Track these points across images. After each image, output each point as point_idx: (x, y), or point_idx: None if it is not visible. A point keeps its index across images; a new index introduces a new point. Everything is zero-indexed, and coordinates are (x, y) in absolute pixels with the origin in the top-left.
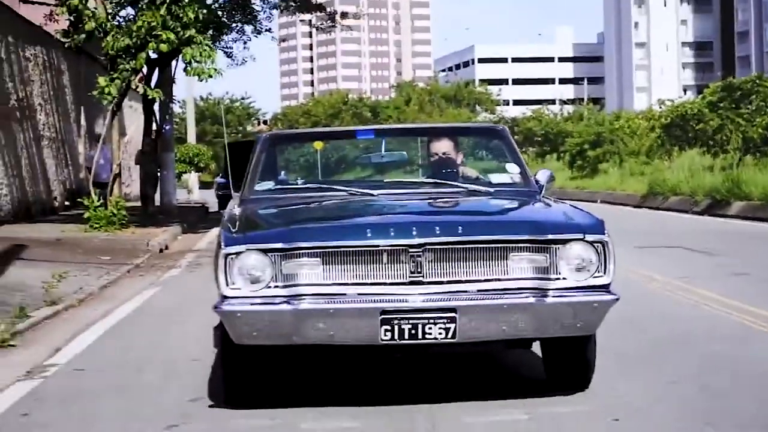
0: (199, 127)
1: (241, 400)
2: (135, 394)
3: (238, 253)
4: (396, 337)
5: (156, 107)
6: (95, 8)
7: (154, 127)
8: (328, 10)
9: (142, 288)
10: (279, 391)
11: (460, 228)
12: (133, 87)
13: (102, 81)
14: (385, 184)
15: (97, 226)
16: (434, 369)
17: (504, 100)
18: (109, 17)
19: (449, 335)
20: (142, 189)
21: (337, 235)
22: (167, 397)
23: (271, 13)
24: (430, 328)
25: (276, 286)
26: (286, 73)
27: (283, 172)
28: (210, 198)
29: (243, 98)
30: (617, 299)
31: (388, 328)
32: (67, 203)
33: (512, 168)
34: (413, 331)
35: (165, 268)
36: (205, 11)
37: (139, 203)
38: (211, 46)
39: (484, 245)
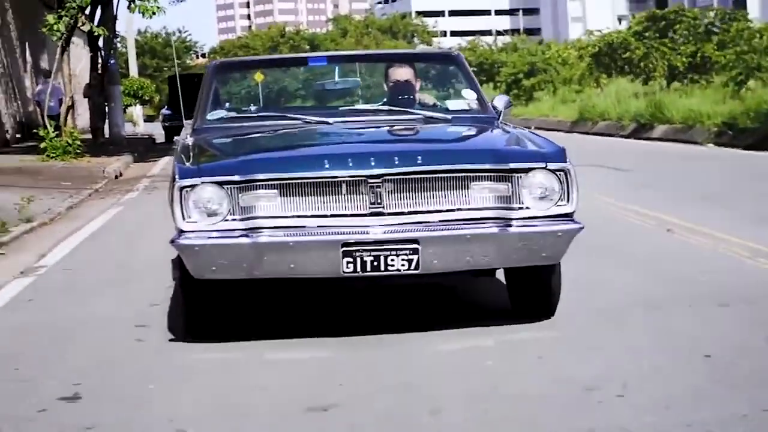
0: (139, 61)
1: (201, 334)
2: (119, 284)
3: (193, 186)
4: (358, 269)
5: (100, 43)
6: None
7: (100, 61)
8: None
9: (105, 208)
10: (241, 324)
11: (419, 158)
12: (79, 25)
13: (51, 18)
14: (341, 111)
15: (53, 155)
16: (400, 298)
17: (441, 32)
18: None
19: (412, 266)
20: (92, 121)
21: (295, 166)
22: (148, 284)
23: None
24: (392, 260)
25: (234, 219)
26: (222, 7)
27: (234, 101)
28: (155, 130)
29: (180, 32)
30: (581, 228)
31: (350, 260)
32: (18, 136)
33: (469, 94)
34: (375, 263)
35: (123, 191)
36: None
37: (89, 135)
38: None
39: (445, 175)
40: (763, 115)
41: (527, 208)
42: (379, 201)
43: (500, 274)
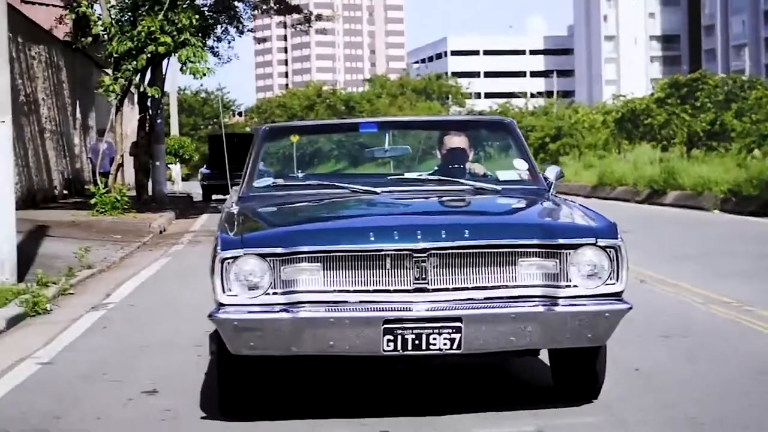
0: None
1: (235, 411)
2: (175, 319)
3: (235, 258)
4: (399, 348)
5: (148, 102)
6: (100, 14)
7: (148, 120)
8: (304, 11)
9: (154, 258)
10: (274, 400)
11: (467, 232)
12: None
13: (107, 80)
14: (389, 181)
15: (102, 210)
16: (438, 376)
17: (475, 93)
18: (113, 22)
19: (454, 346)
20: (137, 179)
21: (339, 239)
22: (197, 319)
23: (252, 15)
24: (434, 339)
25: (275, 293)
26: (261, 65)
27: (281, 167)
28: (192, 188)
29: (220, 90)
30: (630, 308)
31: (391, 338)
32: (65, 192)
33: (520, 164)
34: (417, 342)
35: (169, 244)
36: (197, 17)
37: (133, 192)
38: (204, 47)
39: (492, 250)
40: (765, 183)
41: (575, 286)
42: (423, 276)
43: (543, 354)
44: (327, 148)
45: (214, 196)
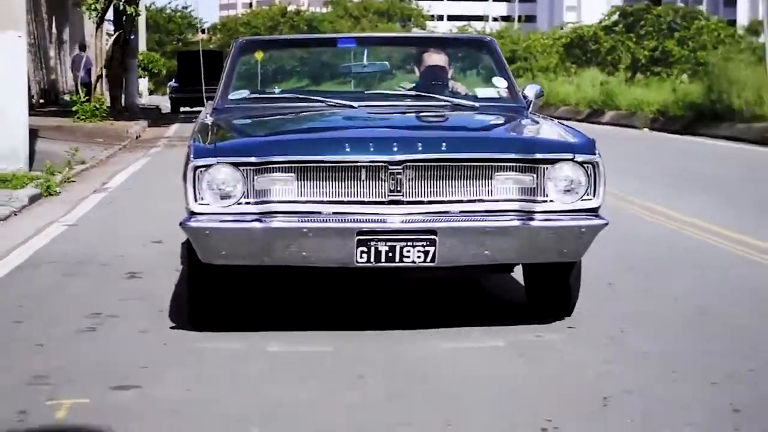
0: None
1: (205, 322)
2: (166, 198)
3: (207, 166)
4: (372, 259)
5: (123, 19)
6: None
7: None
8: None
9: (137, 158)
10: (245, 312)
11: (443, 144)
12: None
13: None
14: (367, 95)
15: (83, 117)
16: (410, 292)
17: (438, 16)
18: None
19: (428, 259)
20: (111, 90)
21: (313, 150)
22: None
23: None
24: (408, 251)
25: (247, 203)
26: None
27: (257, 81)
28: (158, 101)
29: (184, 8)
30: (606, 224)
31: (365, 249)
32: (42, 101)
33: (500, 82)
34: (390, 254)
35: (147, 147)
36: None
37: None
38: None
39: (469, 163)
40: (687, 105)
41: (551, 201)
42: (398, 188)
43: (517, 271)
44: (303, 64)
45: (182, 108)
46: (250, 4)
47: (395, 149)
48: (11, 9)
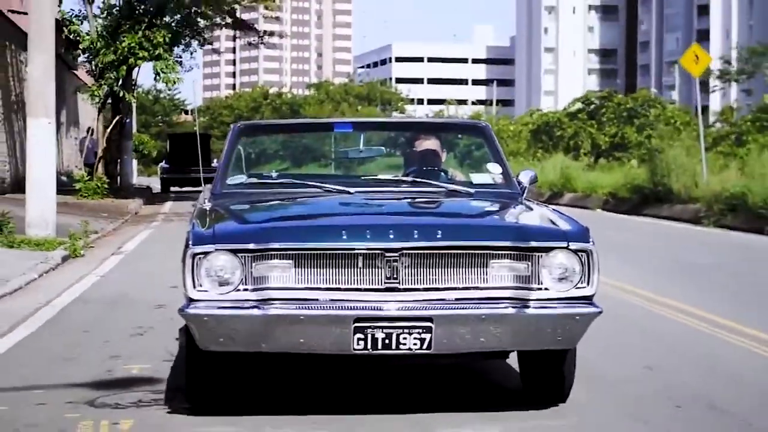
0: None
1: (202, 406)
2: (173, 254)
3: (206, 253)
4: (369, 347)
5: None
6: (88, 31)
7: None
8: (258, 30)
9: (141, 230)
10: (240, 396)
11: (439, 232)
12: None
13: (93, 87)
14: (362, 181)
15: (86, 195)
16: (405, 376)
17: (418, 100)
18: (99, 39)
19: (425, 346)
20: (108, 171)
21: (312, 236)
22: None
23: (212, 30)
24: (405, 338)
25: (245, 289)
26: (209, 64)
27: (255, 166)
28: (147, 181)
29: (170, 89)
30: (600, 312)
31: (362, 336)
32: None
33: (494, 168)
34: (387, 341)
35: (148, 221)
36: (170, 35)
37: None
38: (175, 60)
39: (464, 251)
40: (634, 188)
41: (546, 288)
42: (395, 276)
43: (513, 357)
44: (299, 148)
45: (172, 188)
46: (234, 86)
47: (392, 237)
48: (45, 99)
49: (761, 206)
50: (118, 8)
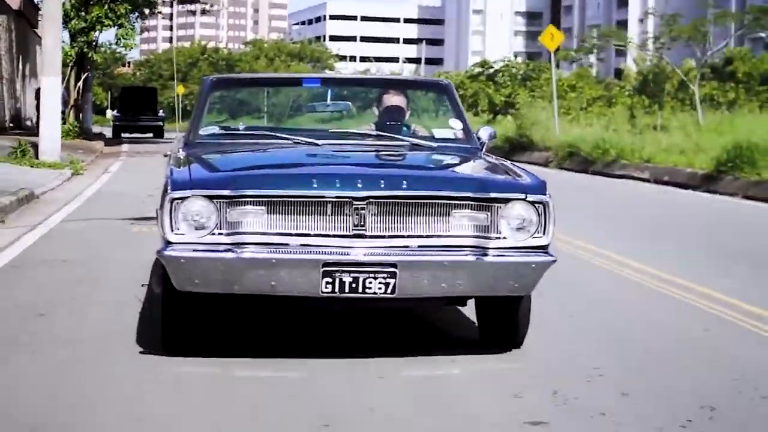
0: None
1: (176, 347)
2: (144, 173)
3: (183, 198)
4: (337, 290)
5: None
6: (63, 2)
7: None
8: (201, 2)
9: (113, 162)
10: (215, 338)
11: (404, 182)
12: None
13: (66, 48)
14: (330, 134)
15: (62, 136)
16: (369, 325)
17: (350, 57)
18: (72, 9)
19: (389, 290)
20: (76, 118)
21: (284, 184)
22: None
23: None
24: (370, 282)
25: (220, 234)
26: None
27: (226, 117)
28: (98, 129)
29: (110, 43)
30: (555, 260)
31: (330, 280)
32: (11, 125)
33: (456, 123)
34: (354, 285)
35: (115, 156)
36: (130, 6)
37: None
38: (133, 29)
39: (428, 201)
40: (506, 139)
41: (504, 237)
42: (362, 223)
43: (470, 305)
44: (268, 101)
45: (123, 134)
46: (171, 39)
47: (359, 186)
48: (54, 61)
49: (587, 153)
50: None
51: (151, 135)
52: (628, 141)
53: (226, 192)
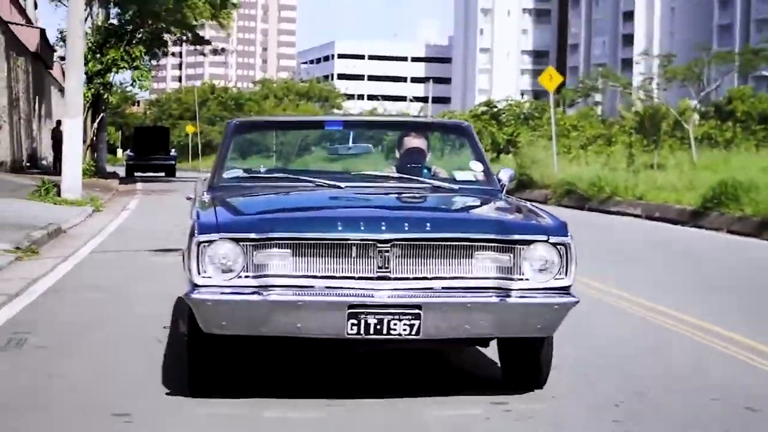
0: None
1: (203, 389)
2: (165, 211)
3: (210, 242)
4: (362, 331)
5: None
6: None
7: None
8: (214, 46)
9: (129, 200)
10: (242, 380)
11: (428, 224)
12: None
13: (84, 90)
14: (352, 176)
15: None
16: (396, 363)
17: (358, 95)
18: (89, 52)
19: (413, 332)
20: (92, 157)
21: (309, 227)
22: (173, 214)
23: (176, 44)
24: (395, 324)
25: (247, 276)
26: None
27: (249, 160)
28: (111, 168)
29: (121, 83)
30: (577, 302)
31: (355, 322)
32: (27, 164)
33: (476, 166)
34: (379, 327)
35: (131, 194)
36: (145, 50)
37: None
38: (149, 70)
39: (451, 243)
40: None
41: (527, 279)
42: (386, 265)
43: (493, 346)
44: (291, 143)
45: (135, 173)
46: (180, 78)
47: (383, 228)
48: (77, 103)
49: (584, 190)
50: (105, 27)
51: (163, 174)
52: (623, 179)
53: (252, 235)
